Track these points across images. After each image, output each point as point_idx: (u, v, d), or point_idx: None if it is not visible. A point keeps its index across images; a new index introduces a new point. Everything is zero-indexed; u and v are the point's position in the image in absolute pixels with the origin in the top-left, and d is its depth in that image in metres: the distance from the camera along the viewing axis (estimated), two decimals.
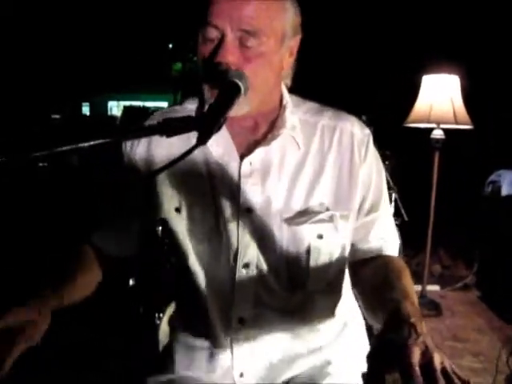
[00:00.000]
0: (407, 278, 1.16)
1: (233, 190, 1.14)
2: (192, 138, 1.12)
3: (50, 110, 8.40)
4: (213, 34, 1.03)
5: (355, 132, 1.20)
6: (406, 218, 2.87)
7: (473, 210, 4.43)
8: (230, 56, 1.02)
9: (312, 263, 1.16)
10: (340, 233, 1.17)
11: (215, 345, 1.22)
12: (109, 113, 28.33)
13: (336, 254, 1.20)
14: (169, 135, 0.90)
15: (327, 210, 1.15)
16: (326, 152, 1.17)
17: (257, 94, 1.07)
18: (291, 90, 1.24)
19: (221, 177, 1.15)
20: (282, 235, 1.14)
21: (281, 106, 1.19)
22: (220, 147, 1.15)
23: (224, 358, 1.21)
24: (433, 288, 4.23)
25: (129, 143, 1.22)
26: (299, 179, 1.15)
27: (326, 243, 1.16)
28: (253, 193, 1.14)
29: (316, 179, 1.16)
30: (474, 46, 4.67)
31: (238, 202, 1.14)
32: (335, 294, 1.27)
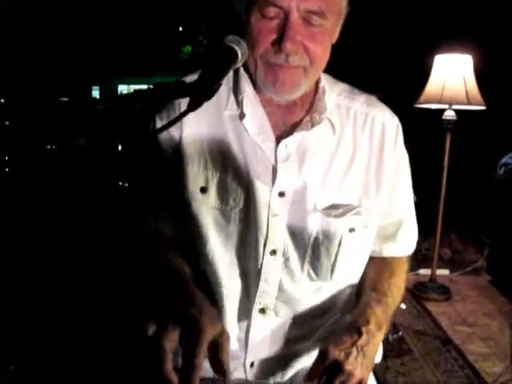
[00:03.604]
0: (394, 282, 1.20)
1: (267, 171, 1.10)
2: (223, 112, 1.10)
3: (58, 92, 8.37)
4: (274, 12, 0.99)
5: (386, 122, 1.16)
6: (415, 200, 2.87)
7: (484, 192, 4.36)
8: (298, 36, 0.98)
9: (340, 256, 1.14)
10: (369, 226, 1.16)
11: (230, 332, 1.17)
12: None
13: (364, 248, 1.19)
14: (159, 102, 0.87)
15: (357, 202, 1.13)
16: (358, 140, 1.14)
17: (318, 73, 1.07)
18: None
19: (255, 156, 1.10)
20: (314, 224, 1.11)
21: (317, 87, 1.14)
22: (255, 125, 1.09)
23: (238, 346, 1.18)
24: (442, 272, 4.20)
25: (161, 119, 1.12)
26: (332, 168, 1.12)
27: (357, 237, 1.14)
28: (289, 177, 1.10)
29: (348, 168, 1.13)
30: (488, 25, 4.57)
31: (271, 184, 1.09)
32: (353, 288, 1.24)
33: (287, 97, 1.06)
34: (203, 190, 1.10)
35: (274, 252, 1.11)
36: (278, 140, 1.09)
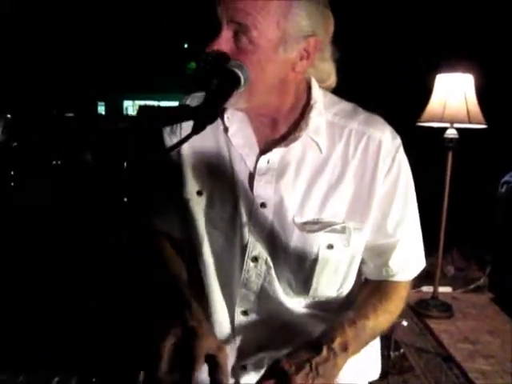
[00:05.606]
0: (383, 307, 1.15)
1: (247, 183, 1.14)
2: (219, 126, 1.15)
3: (64, 108, 8.45)
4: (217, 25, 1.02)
5: (384, 141, 1.12)
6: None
7: (486, 210, 4.37)
8: (223, 46, 0.99)
9: (317, 272, 1.14)
10: (351, 245, 1.14)
11: (219, 331, 1.21)
12: (124, 112, 28.53)
13: (344, 266, 1.17)
14: (164, 124, 0.90)
15: (341, 220, 1.12)
16: (350, 159, 1.12)
17: (249, 91, 1.02)
18: None
19: (240, 167, 1.14)
20: (292, 238, 1.12)
21: (308, 106, 1.13)
22: (240, 138, 1.14)
23: (228, 348, 1.18)
24: (445, 289, 4.20)
25: (167, 129, 1.17)
26: (317, 185, 1.12)
27: (335, 254, 1.13)
28: (265, 191, 1.13)
29: (334, 187, 1.12)
30: (489, 44, 4.61)
31: (252, 194, 1.13)
32: (336, 303, 1.23)
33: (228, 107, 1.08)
34: (199, 193, 1.17)
35: (255, 259, 1.15)
36: (261, 155, 1.13)
